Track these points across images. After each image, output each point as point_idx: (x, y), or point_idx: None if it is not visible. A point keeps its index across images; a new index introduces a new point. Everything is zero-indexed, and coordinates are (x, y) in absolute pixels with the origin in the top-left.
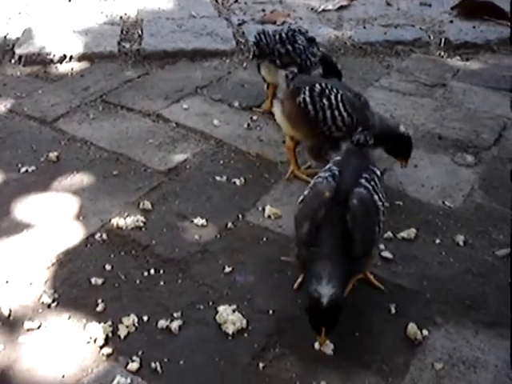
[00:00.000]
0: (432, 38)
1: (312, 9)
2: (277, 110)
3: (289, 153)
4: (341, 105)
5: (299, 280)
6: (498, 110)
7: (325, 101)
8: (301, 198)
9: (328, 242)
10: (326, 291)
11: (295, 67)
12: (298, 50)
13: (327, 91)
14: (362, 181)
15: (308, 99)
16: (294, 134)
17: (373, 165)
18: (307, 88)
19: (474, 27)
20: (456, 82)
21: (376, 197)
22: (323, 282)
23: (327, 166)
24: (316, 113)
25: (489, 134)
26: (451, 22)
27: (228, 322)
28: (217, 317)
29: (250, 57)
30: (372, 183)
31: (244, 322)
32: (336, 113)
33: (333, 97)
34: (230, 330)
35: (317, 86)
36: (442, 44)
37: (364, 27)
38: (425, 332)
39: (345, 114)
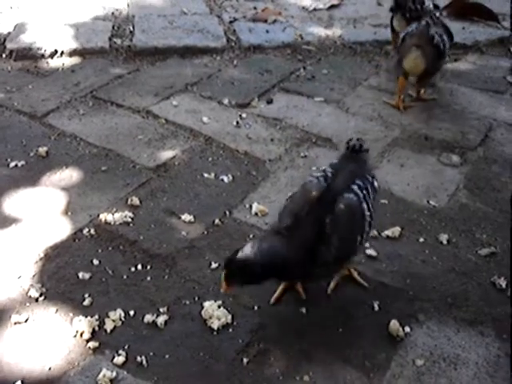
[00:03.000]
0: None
1: (303, 7)
2: (415, 52)
3: (400, 88)
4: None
5: (277, 293)
6: (485, 111)
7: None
8: (289, 194)
9: (300, 237)
10: (246, 250)
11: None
12: (425, 9)
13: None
14: (355, 187)
15: (440, 41)
16: (421, 70)
17: (369, 173)
18: (438, 34)
19: (463, 28)
20: (444, 82)
21: (365, 206)
22: (254, 246)
23: (322, 168)
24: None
25: (475, 134)
26: None
27: (213, 317)
28: (202, 312)
29: (388, 10)
30: (364, 192)
31: (229, 317)
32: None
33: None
34: (215, 325)
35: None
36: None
37: (354, 26)
38: (407, 329)
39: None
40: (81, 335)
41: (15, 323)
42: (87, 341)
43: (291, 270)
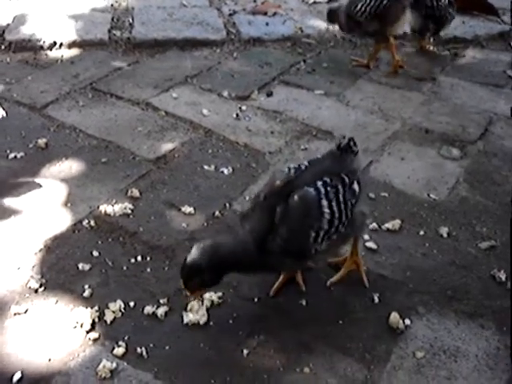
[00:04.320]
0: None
1: (303, 0)
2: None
3: (392, 50)
4: None
5: (276, 285)
6: (485, 105)
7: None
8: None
9: (249, 225)
10: (192, 254)
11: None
12: (440, 6)
13: None
14: (319, 183)
15: None
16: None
17: (348, 173)
18: None
19: (463, 22)
20: (444, 76)
21: (325, 202)
22: (198, 247)
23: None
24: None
25: (475, 128)
26: None
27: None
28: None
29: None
30: (329, 189)
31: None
32: None
33: None
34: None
35: None
36: (432, 38)
37: None
38: (407, 321)
39: None
40: (81, 326)
41: (15, 314)
42: (87, 332)
43: (243, 260)
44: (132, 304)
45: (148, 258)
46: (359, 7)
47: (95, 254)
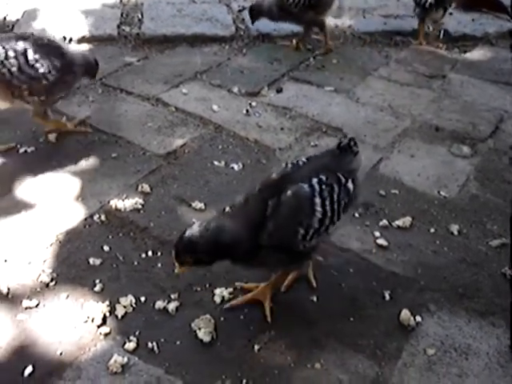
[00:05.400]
0: (431, 29)
1: None
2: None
3: (327, 34)
4: None
5: (287, 282)
6: (495, 103)
7: None
8: None
9: (245, 215)
10: (193, 229)
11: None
12: None
13: None
14: (314, 180)
15: None
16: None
17: (345, 173)
18: None
19: (472, 20)
20: (454, 73)
21: (318, 200)
22: (201, 224)
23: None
24: None
25: (485, 125)
26: (450, 14)
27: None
28: (215, 298)
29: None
30: (324, 187)
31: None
32: None
33: None
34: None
35: None
36: (441, 36)
37: (364, 17)
38: (418, 318)
39: None
40: (92, 321)
41: (26, 308)
42: (98, 326)
43: (238, 250)
44: (143, 299)
45: (159, 253)
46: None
47: (106, 248)
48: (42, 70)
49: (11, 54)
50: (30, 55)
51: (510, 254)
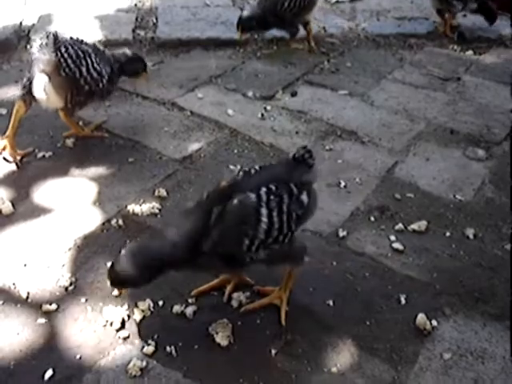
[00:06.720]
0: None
1: (326, 0)
2: None
3: (311, 34)
4: None
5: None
6: (510, 105)
7: None
8: None
9: (190, 222)
10: (120, 259)
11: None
12: None
13: None
14: (263, 189)
15: None
16: None
17: (298, 184)
18: None
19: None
20: (469, 76)
21: (264, 211)
22: (126, 253)
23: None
24: None
25: (500, 128)
26: (465, 15)
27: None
28: (232, 302)
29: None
30: (272, 197)
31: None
32: None
33: None
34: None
35: None
36: (455, 38)
37: (377, 19)
38: (434, 322)
39: None
40: (111, 325)
41: (45, 312)
42: (117, 330)
43: (172, 261)
44: (161, 303)
45: None
46: (286, 5)
47: None
48: (103, 74)
49: (81, 54)
50: (94, 58)
51: None
